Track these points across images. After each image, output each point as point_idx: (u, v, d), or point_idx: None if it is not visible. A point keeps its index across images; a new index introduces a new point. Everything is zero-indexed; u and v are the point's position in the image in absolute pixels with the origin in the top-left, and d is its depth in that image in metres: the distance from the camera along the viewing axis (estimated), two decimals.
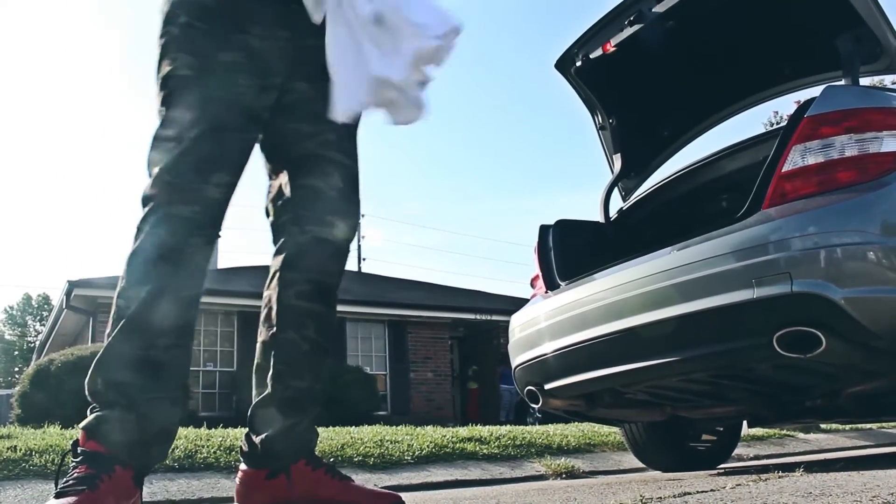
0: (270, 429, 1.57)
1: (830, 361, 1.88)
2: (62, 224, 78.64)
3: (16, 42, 69.46)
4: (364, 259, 28.28)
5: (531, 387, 2.62)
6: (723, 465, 3.42)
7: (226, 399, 11.83)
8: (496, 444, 4.22)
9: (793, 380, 2.16)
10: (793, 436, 6.16)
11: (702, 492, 1.63)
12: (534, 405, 2.69)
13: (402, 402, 13.59)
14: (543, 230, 2.96)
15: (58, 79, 73.14)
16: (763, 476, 1.88)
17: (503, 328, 12.95)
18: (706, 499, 1.49)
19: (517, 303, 3.24)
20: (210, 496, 2.82)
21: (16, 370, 41.79)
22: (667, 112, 3.30)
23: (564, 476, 3.74)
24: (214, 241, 1.53)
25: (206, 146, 1.48)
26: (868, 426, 6.97)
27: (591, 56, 2.98)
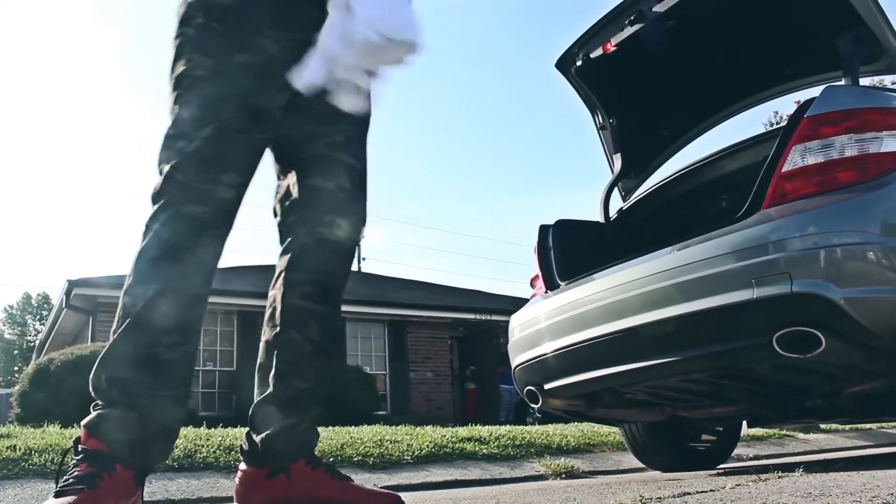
0: (271, 428, 1.57)
1: (830, 361, 1.88)
2: (62, 224, 78.74)
3: (16, 42, 69.53)
4: (364, 259, 28.28)
5: (531, 387, 2.62)
6: (722, 466, 3.42)
7: (225, 399, 11.82)
8: (496, 444, 4.22)
9: (793, 380, 2.16)
10: (792, 436, 6.16)
11: (701, 492, 1.63)
12: (533, 405, 2.69)
13: (402, 402, 13.58)
14: (543, 230, 2.96)
15: (58, 79, 73.23)
16: (763, 476, 1.88)
17: (503, 328, 12.94)
18: (706, 499, 1.49)
19: (517, 303, 3.24)
20: (210, 496, 2.82)
21: (15, 369, 41.80)
22: (667, 112, 3.31)
23: (564, 476, 3.74)
24: (224, 241, 1.53)
25: (218, 146, 1.48)
26: (868, 426, 6.97)
27: (592, 56, 2.98)
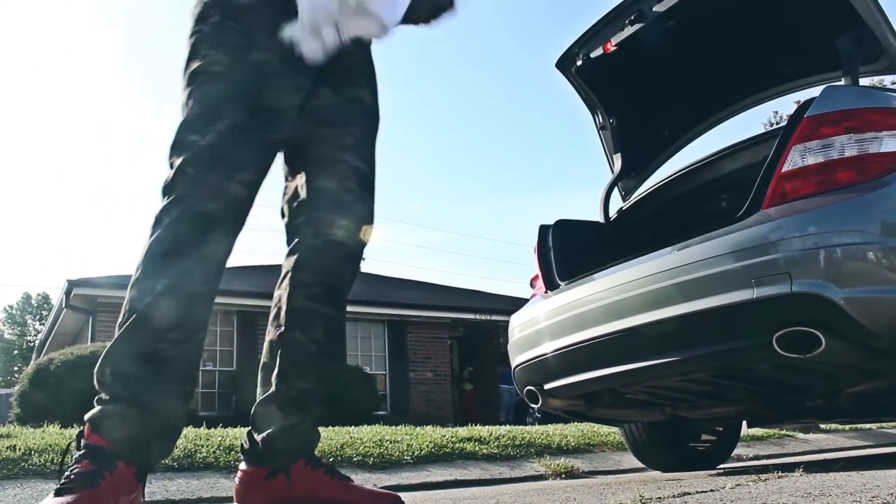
0: (272, 427, 1.57)
1: (830, 361, 1.88)
2: (62, 224, 78.69)
3: (16, 42, 69.51)
4: (364, 259, 28.32)
5: (531, 387, 2.62)
6: (722, 466, 3.42)
7: (225, 398, 11.81)
8: (495, 444, 4.22)
9: (793, 380, 2.16)
10: (792, 436, 6.17)
11: (701, 492, 1.63)
12: (533, 405, 2.69)
13: (402, 402, 13.58)
14: (543, 230, 2.96)
15: (58, 78, 73.16)
16: (763, 476, 1.88)
17: (503, 328, 12.96)
18: (706, 499, 1.49)
19: (517, 303, 3.24)
20: (209, 496, 2.82)
21: (15, 369, 41.79)
22: (667, 112, 3.31)
23: (564, 476, 3.74)
24: (234, 239, 1.52)
25: (232, 143, 1.47)
26: (868, 426, 6.97)
27: (592, 55, 2.98)
